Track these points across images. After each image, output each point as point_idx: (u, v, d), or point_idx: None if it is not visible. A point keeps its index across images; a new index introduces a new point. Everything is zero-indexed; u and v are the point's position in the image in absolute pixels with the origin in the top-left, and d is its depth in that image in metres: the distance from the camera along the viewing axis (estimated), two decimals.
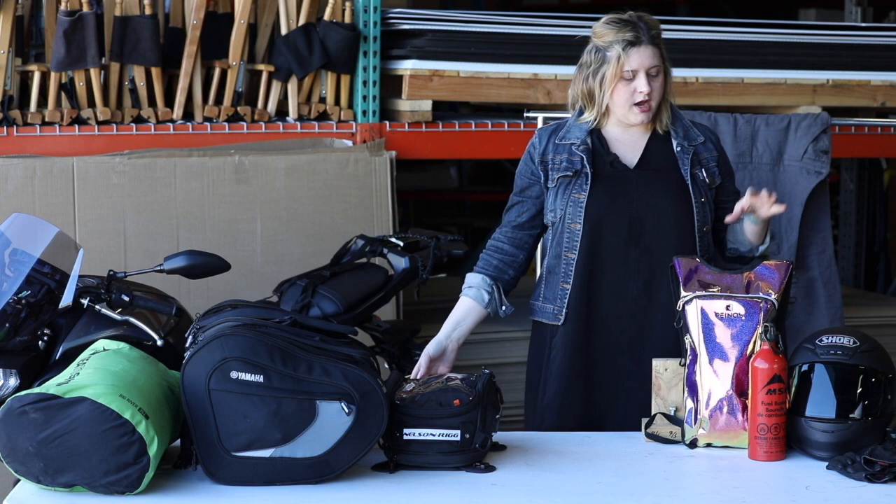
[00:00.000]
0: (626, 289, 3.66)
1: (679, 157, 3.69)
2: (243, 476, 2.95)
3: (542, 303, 3.75)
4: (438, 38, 5.04)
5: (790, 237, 4.72)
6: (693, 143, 3.71)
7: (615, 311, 3.66)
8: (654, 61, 3.62)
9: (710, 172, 3.71)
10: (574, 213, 3.65)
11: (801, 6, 7.79)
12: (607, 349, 3.67)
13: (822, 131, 4.76)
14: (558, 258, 3.69)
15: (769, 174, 4.74)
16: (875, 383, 3.19)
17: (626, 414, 3.60)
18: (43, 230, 3.85)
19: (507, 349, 4.94)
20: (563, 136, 3.71)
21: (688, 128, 3.74)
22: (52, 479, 2.84)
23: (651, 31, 3.64)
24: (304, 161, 4.90)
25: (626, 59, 3.60)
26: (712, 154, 3.74)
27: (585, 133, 3.69)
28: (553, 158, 3.69)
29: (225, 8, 5.00)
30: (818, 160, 4.73)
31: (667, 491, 3.01)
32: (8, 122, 4.71)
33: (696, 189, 3.67)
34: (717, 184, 3.73)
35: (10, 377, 3.70)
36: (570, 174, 3.65)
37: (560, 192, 3.67)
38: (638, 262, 3.65)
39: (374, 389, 2.98)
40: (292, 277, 4.33)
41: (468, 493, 2.96)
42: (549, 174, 3.69)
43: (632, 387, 3.64)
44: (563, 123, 3.75)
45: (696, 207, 3.67)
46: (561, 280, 3.69)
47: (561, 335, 3.69)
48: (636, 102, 3.62)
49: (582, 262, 3.66)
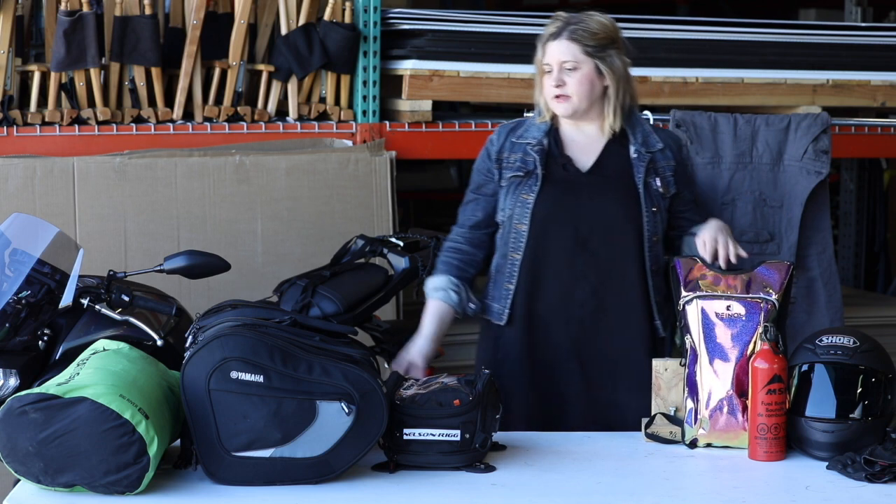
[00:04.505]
0: (573, 293, 3.65)
1: (634, 164, 3.67)
2: (243, 476, 2.95)
3: (489, 301, 3.76)
4: (438, 38, 5.03)
5: (790, 237, 4.72)
6: (651, 149, 3.70)
7: (561, 314, 3.66)
8: (567, 56, 3.63)
9: (666, 181, 3.70)
10: (521, 214, 3.65)
11: (801, 6, 7.79)
12: (554, 352, 3.66)
13: (822, 131, 4.76)
14: (505, 258, 3.70)
15: (769, 174, 4.74)
16: (875, 383, 3.19)
17: (580, 418, 3.59)
18: (43, 230, 3.85)
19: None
20: (521, 135, 3.72)
21: (647, 133, 3.73)
22: (52, 479, 2.84)
23: (577, 27, 3.64)
24: (305, 161, 4.90)
25: (544, 53, 3.67)
26: (670, 162, 3.73)
27: (543, 133, 3.70)
28: (508, 157, 3.70)
29: (225, 8, 5.00)
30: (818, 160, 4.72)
31: (667, 491, 3.01)
32: (8, 122, 4.71)
33: (647, 198, 3.66)
34: (671, 193, 3.71)
35: (10, 377, 3.70)
36: (522, 174, 3.66)
37: (510, 191, 3.68)
38: (585, 267, 3.64)
39: (374, 389, 2.99)
40: (292, 277, 4.32)
41: (468, 493, 2.96)
42: (503, 172, 3.70)
43: (580, 391, 3.63)
44: (523, 122, 3.77)
45: (646, 217, 3.65)
46: (506, 280, 3.69)
47: (507, 336, 3.70)
48: (553, 95, 3.65)
49: (526, 263, 3.66)
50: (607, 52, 3.65)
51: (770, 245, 4.73)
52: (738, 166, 4.72)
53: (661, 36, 5.29)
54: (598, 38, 3.64)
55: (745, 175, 4.73)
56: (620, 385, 3.65)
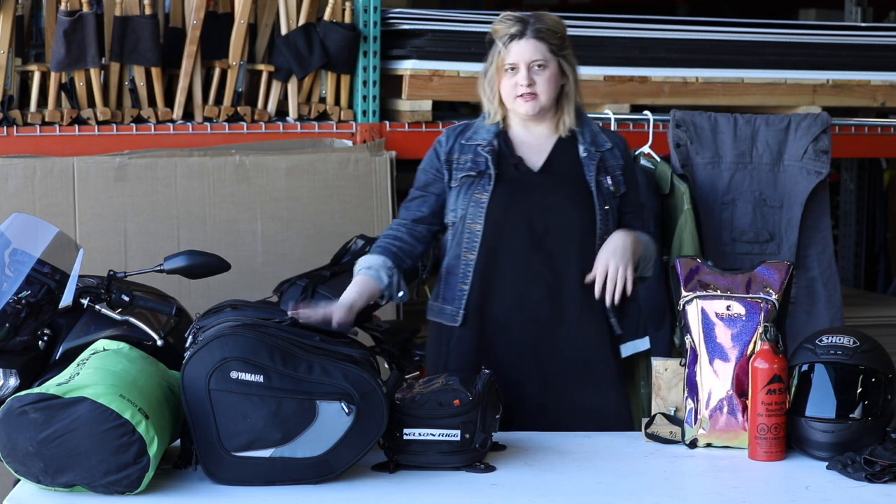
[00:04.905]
0: (528, 293, 3.62)
1: (584, 163, 3.65)
2: (243, 476, 2.95)
3: (440, 303, 3.70)
4: (438, 38, 5.03)
5: (790, 237, 4.72)
6: (600, 148, 3.68)
7: (517, 315, 3.62)
8: (537, 55, 3.60)
9: (616, 180, 3.67)
10: (475, 214, 3.62)
11: (801, 6, 7.79)
12: (508, 352, 3.61)
13: (822, 131, 4.76)
14: (458, 259, 3.66)
15: (769, 174, 4.74)
16: (875, 383, 3.19)
17: (536, 418, 3.56)
18: (43, 230, 3.85)
19: None
20: (470, 137, 3.68)
21: (596, 133, 3.71)
22: (52, 479, 2.84)
23: (539, 26, 3.61)
24: (305, 161, 4.90)
25: (507, 53, 3.61)
26: (619, 161, 3.70)
27: (493, 135, 3.67)
28: (458, 158, 3.67)
29: (225, 8, 5.00)
30: (818, 160, 4.73)
31: (667, 491, 3.01)
32: (8, 122, 4.71)
33: (600, 197, 3.63)
34: (621, 192, 3.69)
35: (10, 377, 3.71)
36: (474, 174, 3.63)
37: (462, 191, 3.65)
38: (540, 267, 3.61)
39: (374, 389, 2.98)
40: (292, 277, 4.33)
41: (468, 493, 2.96)
42: (453, 174, 3.66)
43: (537, 392, 3.61)
44: (471, 124, 3.73)
45: (600, 215, 3.63)
46: (459, 281, 3.65)
47: (458, 336, 3.65)
48: (519, 94, 3.61)
49: (481, 263, 3.62)
50: (566, 50, 3.65)
51: (770, 245, 4.73)
52: (738, 166, 4.72)
53: (661, 36, 5.29)
54: (558, 36, 3.64)
55: (745, 175, 4.74)
56: (578, 384, 3.63)
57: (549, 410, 3.62)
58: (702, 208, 4.61)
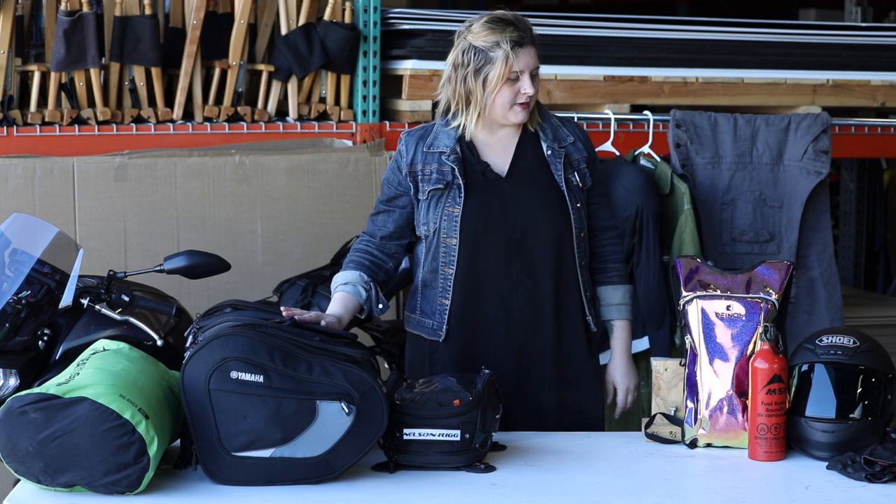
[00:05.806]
0: (511, 301, 3.58)
1: (550, 161, 3.60)
2: (243, 476, 2.95)
3: (419, 316, 3.65)
4: (438, 38, 5.03)
5: (790, 237, 4.72)
6: (563, 143, 3.62)
7: (501, 323, 3.58)
8: (536, 62, 3.55)
9: (582, 175, 3.62)
10: (449, 228, 3.55)
11: (801, 6, 7.80)
12: (493, 360, 3.51)
13: (822, 131, 4.76)
14: (435, 273, 3.59)
15: (769, 174, 4.74)
16: (875, 383, 3.19)
17: (522, 420, 3.54)
18: (43, 230, 3.85)
19: None
20: (432, 144, 3.58)
21: (556, 127, 3.65)
22: (52, 479, 2.84)
23: (531, 31, 3.57)
24: (305, 161, 4.90)
25: (515, 60, 3.51)
26: (582, 154, 3.65)
27: (454, 140, 3.57)
28: (423, 169, 3.57)
29: (225, 8, 5.00)
30: (818, 160, 4.73)
31: (667, 491, 3.01)
32: (8, 122, 4.71)
33: (571, 195, 3.59)
34: (587, 186, 3.65)
35: (10, 377, 3.71)
36: (442, 186, 3.55)
37: (432, 205, 3.57)
38: (520, 273, 3.57)
39: (374, 389, 2.98)
40: (292, 277, 4.33)
41: (468, 493, 2.96)
42: (420, 186, 3.58)
43: (521, 395, 3.60)
44: (430, 128, 3.64)
45: (574, 214, 3.59)
46: (439, 295, 3.59)
47: (443, 350, 3.60)
48: (521, 102, 3.54)
49: (461, 277, 3.56)
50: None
51: (770, 245, 4.73)
52: (738, 166, 4.72)
53: (661, 36, 5.29)
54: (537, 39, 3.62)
55: (745, 175, 4.74)
56: (560, 384, 3.62)
57: (535, 411, 3.60)
58: (702, 208, 4.61)
